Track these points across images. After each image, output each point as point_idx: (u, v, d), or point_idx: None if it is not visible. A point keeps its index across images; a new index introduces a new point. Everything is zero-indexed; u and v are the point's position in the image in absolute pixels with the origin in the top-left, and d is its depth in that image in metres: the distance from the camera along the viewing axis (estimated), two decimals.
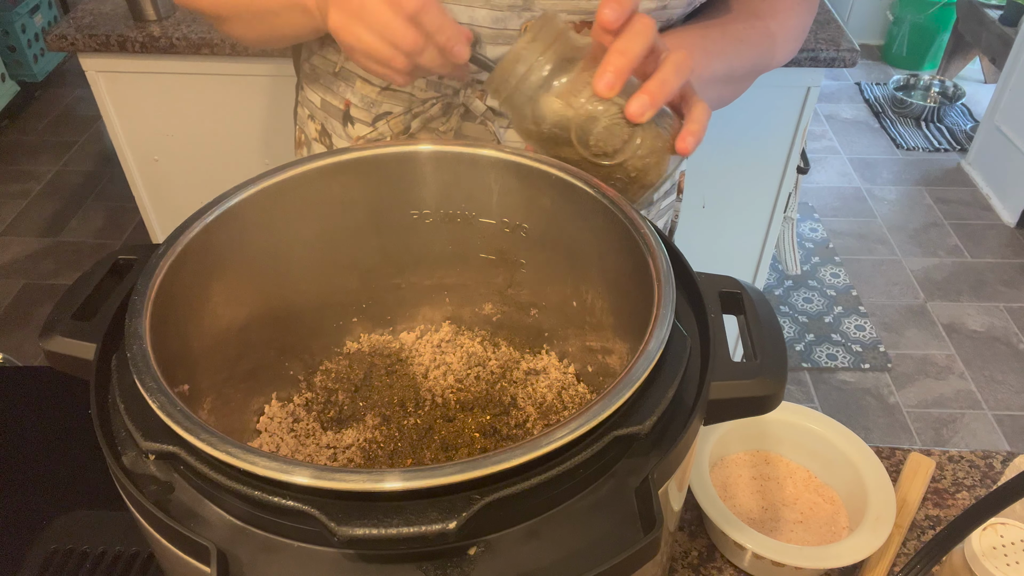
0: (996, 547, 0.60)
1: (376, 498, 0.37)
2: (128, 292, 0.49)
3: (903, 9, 3.49)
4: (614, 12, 0.51)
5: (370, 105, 0.77)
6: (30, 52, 3.18)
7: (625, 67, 0.52)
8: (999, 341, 2.30)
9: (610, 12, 0.51)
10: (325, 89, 0.80)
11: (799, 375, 2.20)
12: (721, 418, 0.48)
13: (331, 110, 0.80)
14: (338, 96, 0.78)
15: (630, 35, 0.52)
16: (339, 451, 0.60)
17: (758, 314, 0.51)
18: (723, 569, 0.70)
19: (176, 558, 0.40)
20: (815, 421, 0.76)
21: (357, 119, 0.78)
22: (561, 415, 0.62)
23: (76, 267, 2.51)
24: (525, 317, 0.67)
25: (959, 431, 2.05)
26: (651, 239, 0.51)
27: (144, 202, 1.82)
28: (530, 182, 0.59)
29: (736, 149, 1.65)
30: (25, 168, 2.94)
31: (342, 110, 0.79)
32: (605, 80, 0.52)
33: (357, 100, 0.77)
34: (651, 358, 0.43)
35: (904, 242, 2.66)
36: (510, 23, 0.67)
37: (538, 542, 0.40)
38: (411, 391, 0.64)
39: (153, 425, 0.40)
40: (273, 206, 0.57)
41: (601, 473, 0.42)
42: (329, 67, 0.78)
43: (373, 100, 0.76)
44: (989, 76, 3.45)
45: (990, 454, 0.81)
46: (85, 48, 1.52)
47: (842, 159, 3.07)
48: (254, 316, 0.59)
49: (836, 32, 1.53)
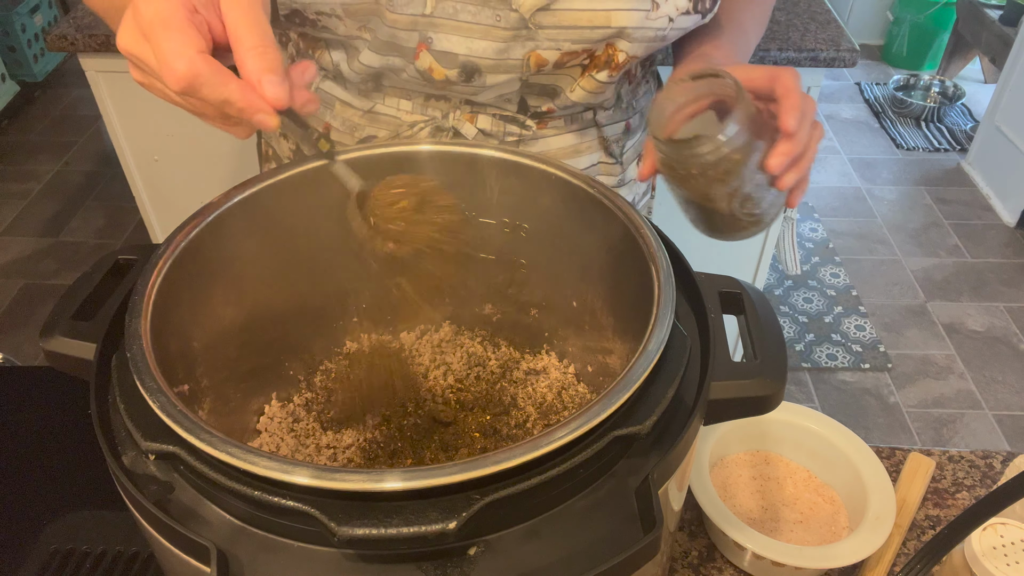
0: (996, 547, 0.60)
1: (376, 498, 0.37)
2: (128, 292, 0.49)
3: (903, 9, 3.49)
4: (795, 122, 0.54)
5: (352, 129, 0.74)
6: (30, 52, 3.18)
7: (794, 152, 0.55)
8: (999, 341, 2.30)
9: (793, 122, 0.54)
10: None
11: (799, 375, 2.20)
12: (721, 418, 0.48)
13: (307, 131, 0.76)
14: (316, 118, 0.75)
15: (804, 123, 0.55)
16: (339, 451, 0.60)
17: (758, 314, 0.51)
18: (723, 569, 0.70)
19: (176, 558, 0.40)
20: (815, 421, 0.76)
21: (338, 143, 0.73)
22: (561, 415, 0.62)
23: (76, 267, 2.51)
24: (525, 317, 0.67)
25: (959, 431, 2.05)
26: (651, 239, 0.51)
27: (144, 202, 1.82)
28: (530, 182, 0.59)
29: None
30: (25, 168, 2.94)
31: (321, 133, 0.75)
32: (777, 163, 0.55)
33: (338, 124, 0.75)
34: (651, 358, 0.43)
35: (904, 242, 2.66)
36: (513, 52, 0.64)
37: (538, 542, 0.40)
38: (411, 391, 0.64)
39: (153, 425, 0.40)
40: (273, 206, 0.57)
41: (601, 473, 0.42)
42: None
43: (355, 124, 0.74)
44: (989, 76, 3.45)
45: (990, 454, 0.81)
46: (85, 48, 1.52)
47: (842, 159, 3.07)
48: (254, 316, 0.59)
49: (836, 32, 1.53)
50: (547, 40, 0.64)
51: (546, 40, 0.64)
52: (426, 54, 0.64)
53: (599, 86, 0.68)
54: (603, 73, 0.67)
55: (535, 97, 0.71)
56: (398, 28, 0.62)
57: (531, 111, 0.72)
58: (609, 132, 0.78)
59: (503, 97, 0.70)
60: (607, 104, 0.75)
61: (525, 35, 0.63)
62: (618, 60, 0.66)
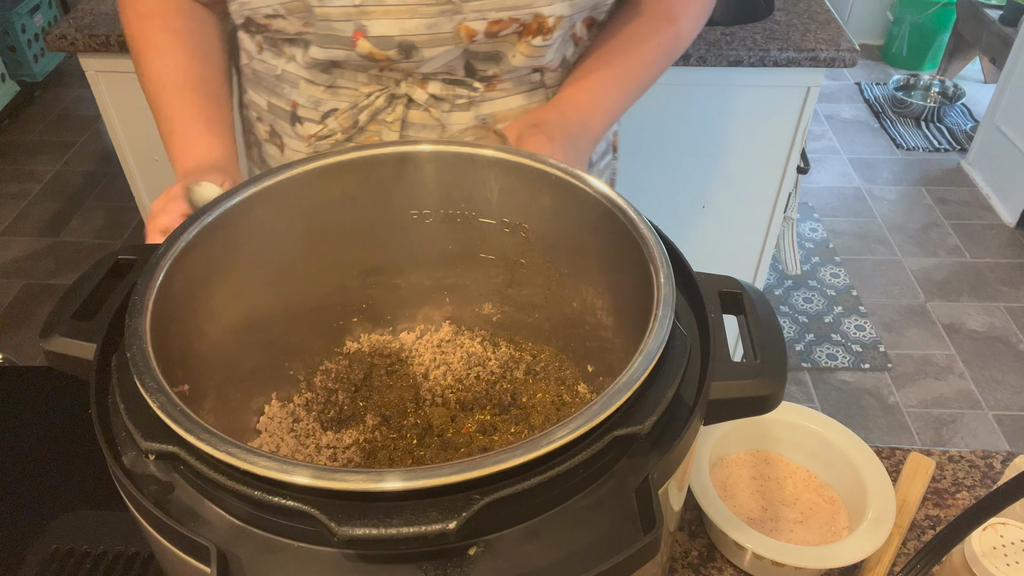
0: (996, 547, 0.60)
1: (376, 498, 0.37)
2: (128, 292, 0.49)
3: (903, 9, 3.49)
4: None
5: (316, 104, 0.78)
6: (30, 52, 3.18)
7: None
8: (999, 341, 2.30)
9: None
10: (270, 92, 0.81)
11: (799, 375, 2.20)
12: (721, 418, 0.48)
13: (278, 112, 0.81)
14: (284, 98, 0.80)
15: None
16: (339, 451, 0.60)
17: (758, 314, 0.51)
18: (723, 569, 0.70)
19: (176, 558, 0.40)
20: (815, 421, 0.76)
21: (305, 118, 0.79)
22: (561, 415, 0.62)
23: (76, 267, 2.51)
24: (525, 317, 0.67)
25: (959, 431, 2.05)
26: (651, 239, 0.51)
27: (144, 202, 1.82)
28: (530, 182, 0.59)
29: (736, 149, 1.65)
30: (25, 168, 2.94)
31: (289, 111, 0.80)
32: None
33: (304, 100, 0.79)
34: (651, 358, 0.43)
35: (904, 242, 2.66)
36: (443, 27, 0.69)
37: (538, 542, 0.40)
38: (411, 391, 0.64)
39: (153, 425, 0.40)
40: (273, 206, 0.57)
41: (601, 473, 0.42)
42: (271, 70, 0.79)
43: (319, 99, 0.78)
44: (989, 76, 3.45)
45: (990, 454, 0.81)
46: (85, 48, 1.52)
47: (842, 159, 3.07)
48: (254, 316, 0.59)
49: (836, 32, 1.53)
50: (472, 12, 0.68)
51: (471, 12, 0.68)
52: (363, 41, 0.69)
53: (537, 51, 0.73)
54: (538, 38, 0.72)
55: (480, 63, 0.75)
56: (332, 20, 0.68)
57: (478, 75, 0.76)
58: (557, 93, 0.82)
59: (448, 65, 0.74)
60: (552, 66, 0.79)
61: (451, 9, 0.68)
62: (548, 24, 0.71)
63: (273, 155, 0.86)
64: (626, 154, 1.68)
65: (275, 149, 0.85)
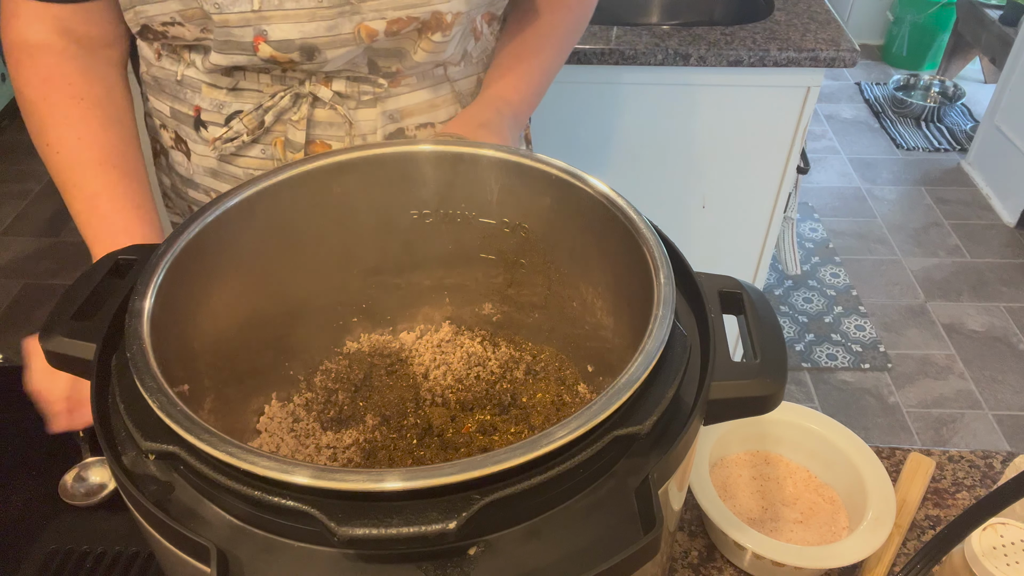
0: (996, 547, 0.60)
1: (376, 498, 0.37)
2: (128, 292, 0.49)
3: (903, 9, 3.49)
4: None
5: (220, 107, 0.78)
6: None
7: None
8: (999, 341, 2.30)
9: None
10: (172, 98, 0.80)
11: (799, 375, 2.20)
12: (721, 418, 0.48)
13: (182, 117, 0.80)
14: (186, 103, 0.79)
15: None
16: (339, 451, 0.60)
17: (758, 314, 0.51)
18: (723, 569, 0.70)
19: (176, 558, 0.40)
20: (815, 421, 0.76)
21: (209, 122, 0.79)
22: (561, 415, 0.62)
23: (76, 267, 2.51)
24: (525, 317, 0.68)
25: (959, 431, 2.05)
26: (651, 239, 0.51)
27: None
28: (530, 182, 0.59)
29: (736, 149, 1.65)
30: (25, 168, 2.93)
31: (192, 116, 0.79)
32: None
33: (207, 104, 0.78)
34: (651, 358, 0.43)
35: (904, 242, 2.66)
36: (343, 28, 0.69)
37: (538, 542, 0.40)
38: (411, 391, 0.64)
39: (153, 425, 0.40)
40: (273, 206, 0.57)
41: (601, 473, 0.42)
42: (171, 76, 0.78)
43: (223, 102, 0.77)
44: (989, 76, 3.45)
45: (990, 454, 0.81)
46: None
47: (842, 159, 3.07)
48: (254, 316, 0.59)
49: (836, 32, 1.53)
50: (371, 12, 0.69)
51: (370, 12, 0.69)
52: (264, 45, 0.69)
53: (438, 46, 0.74)
54: (437, 35, 0.73)
55: (383, 59, 0.76)
56: (231, 27, 0.68)
57: (382, 71, 0.76)
58: (462, 87, 0.84)
59: (352, 63, 0.74)
60: (454, 60, 0.80)
61: (350, 10, 0.68)
62: (447, 21, 0.72)
63: (180, 162, 0.84)
64: (626, 154, 1.68)
65: (181, 156, 0.83)
